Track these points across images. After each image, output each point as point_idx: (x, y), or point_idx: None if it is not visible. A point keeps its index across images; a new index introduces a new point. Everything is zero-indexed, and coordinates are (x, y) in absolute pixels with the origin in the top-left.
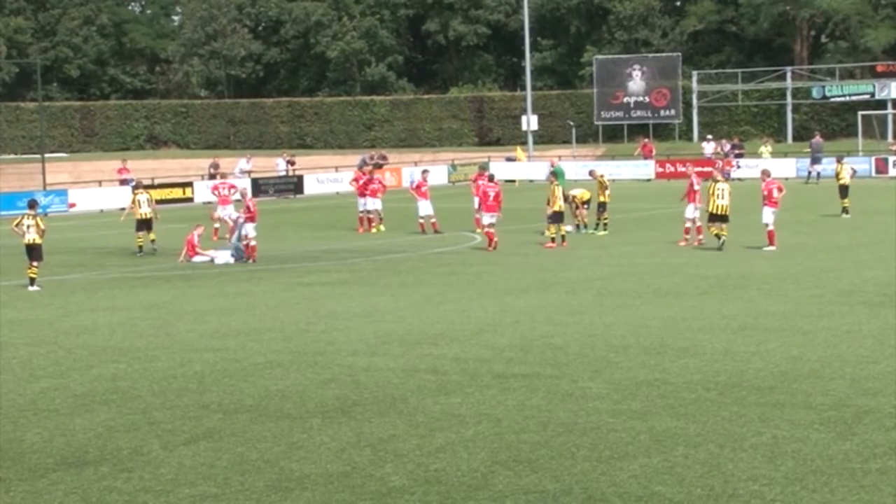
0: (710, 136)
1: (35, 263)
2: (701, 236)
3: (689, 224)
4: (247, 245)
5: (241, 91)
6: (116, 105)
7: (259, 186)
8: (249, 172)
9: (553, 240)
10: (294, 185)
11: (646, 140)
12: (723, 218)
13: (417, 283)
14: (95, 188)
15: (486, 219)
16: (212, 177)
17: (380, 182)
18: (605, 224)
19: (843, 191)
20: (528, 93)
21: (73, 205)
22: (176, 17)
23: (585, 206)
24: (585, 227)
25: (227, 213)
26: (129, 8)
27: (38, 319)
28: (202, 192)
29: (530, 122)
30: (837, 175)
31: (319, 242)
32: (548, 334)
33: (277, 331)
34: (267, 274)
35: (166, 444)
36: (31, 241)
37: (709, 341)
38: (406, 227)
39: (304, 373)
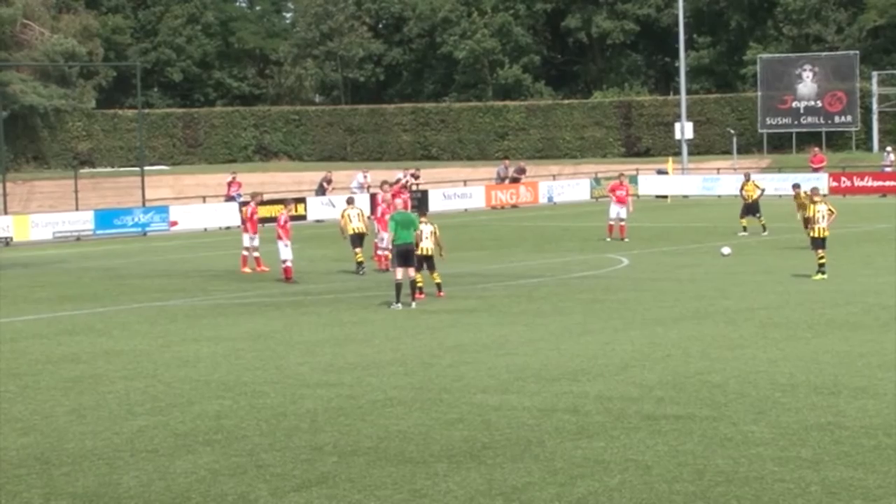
0: (889, 148)
1: None
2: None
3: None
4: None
5: (359, 96)
6: (222, 112)
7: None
8: (367, 187)
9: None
10: (418, 200)
11: (817, 150)
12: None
13: (555, 312)
14: (199, 204)
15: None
16: (322, 192)
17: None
18: (822, 265)
19: None
20: (683, 97)
21: (174, 223)
22: (288, 15)
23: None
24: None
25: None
26: (237, 4)
27: (135, 350)
28: (316, 208)
29: (684, 130)
30: None
31: (445, 266)
32: (704, 370)
33: (398, 364)
34: (386, 300)
35: (275, 489)
36: None
37: (890, 380)
38: (543, 248)
39: (427, 412)
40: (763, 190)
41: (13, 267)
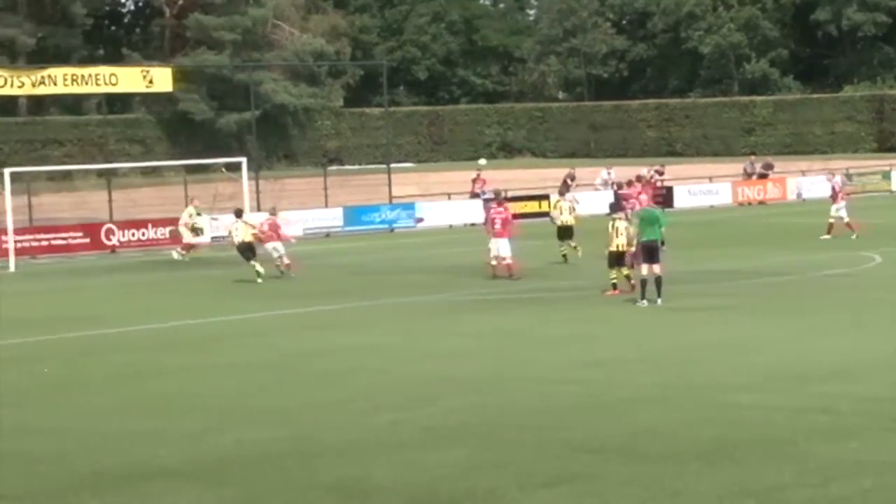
0: None
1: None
2: None
3: None
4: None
5: (602, 92)
6: (467, 110)
7: (618, 199)
8: (611, 184)
9: None
10: (662, 197)
11: None
12: None
13: (803, 310)
14: (444, 201)
15: None
16: (566, 189)
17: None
18: None
19: None
20: None
21: (420, 220)
22: (531, 12)
23: None
24: None
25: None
26: (481, 2)
27: (383, 345)
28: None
29: None
30: None
31: (691, 263)
32: None
33: (646, 362)
34: (631, 297)
35: (524, 485)
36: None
37: None
38: (791, 245)
39: (676, 410)
40: None
41: (266, 263)
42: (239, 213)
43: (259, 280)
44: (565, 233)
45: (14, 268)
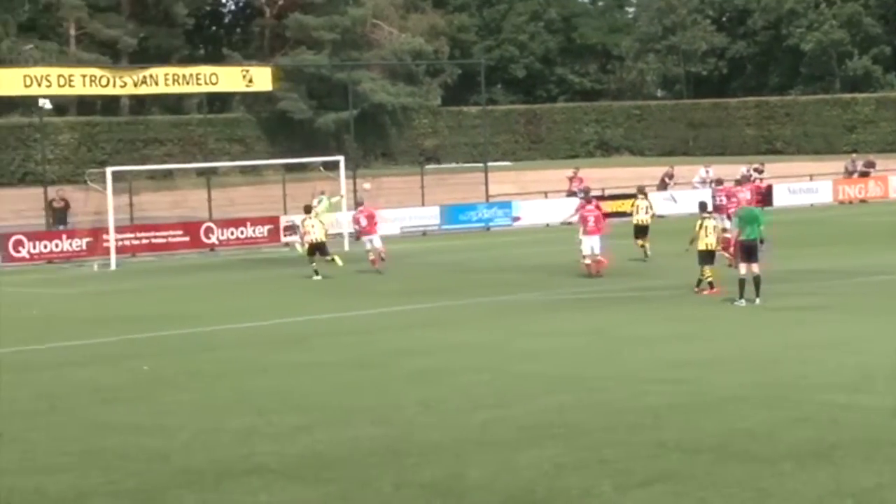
0: None
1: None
2: None
3: None
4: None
5: (701, 90)
6: (564, 108)
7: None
8: (710, 182)
9: None
10: (761, 195)
11: None
12: None
13: None
14: (541, 200)
15: None
16: (663, 187)
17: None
18: None
19: None
20: None
21: (517, 218)
22: (630, 10)
23: None
24: None
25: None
26: (580, 0)
27: (480, 344)
28: (656, 203)
29: None
30: None
31: (790, 262)
32: None
33: (742, 361)
34: (729, 296)
35: (619, 485)
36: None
37: None
38: (893, 244)
39: (773, 410)
40: None
41: (364, 261)
42: (308, 210)
43: (317, 277)
44: (640, 231)
45: (115, 266)
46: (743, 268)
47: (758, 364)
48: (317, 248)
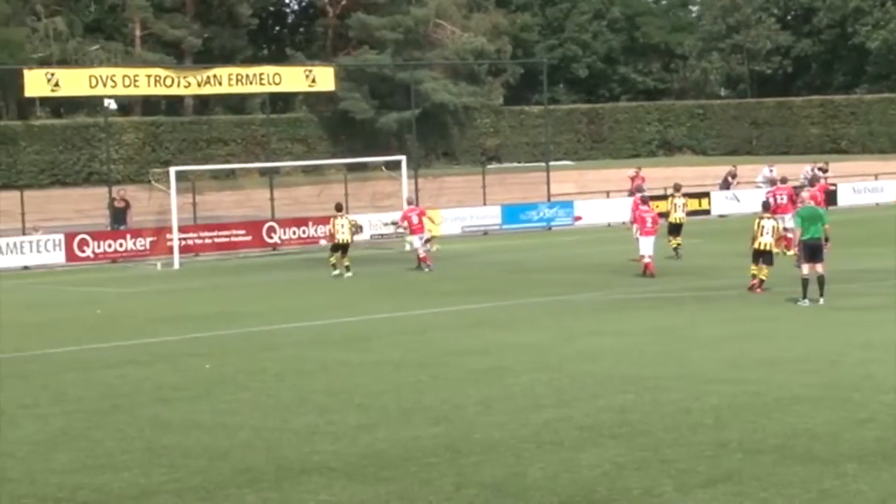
0: None
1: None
2: None
3: None
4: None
5: (765, 89)
6: (626, 107)
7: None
8: (775, 181)
9: None
10: (826, 194)
11: None
12: None
13: None
14: (602, 199)
15: None
16: (726, 187)
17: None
18: None
19: None
20: None
21: (578, 218)
22: (694, 9)
23: None
24: None
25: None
26: None
27: (540, 343)
28: (720, 203)
29: None
30: None
31: (854, 261)
32: None
33: (804, 361)
34: (792, 296)
35: (680, 485)
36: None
37: None
38: None
39: (836, 410)
40: None
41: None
42: (339, 208)
43: (335, 273)
44: (674, 230)
45: (178, 265)
46: (806, 268)
47: (821, 364)
48: (341, 248)
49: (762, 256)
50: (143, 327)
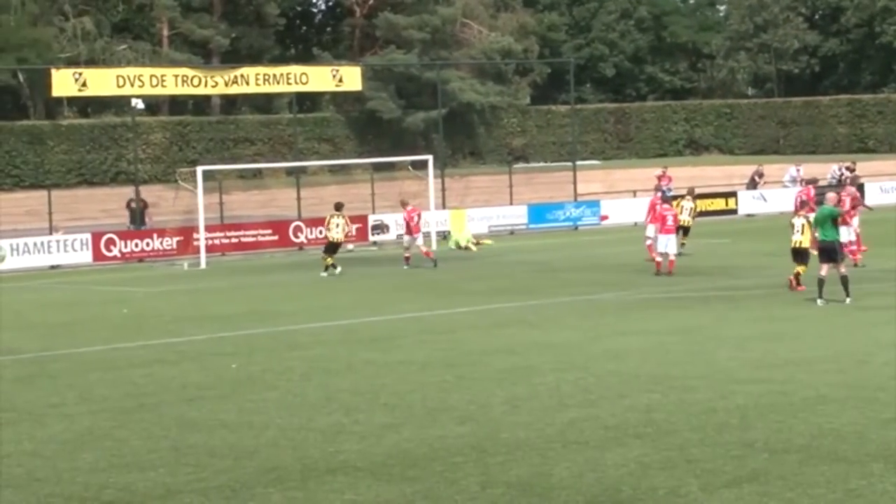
0: None
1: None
2: None
3: None
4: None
5: (792, 88)
6: (653, 107)
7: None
8: (802, 181)
9: None
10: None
11: None
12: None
13: None
14: (629, 199)
15: None
16: (753, 186)
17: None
18: None
19: None
20: None
21: (604, 217)
22: (721, 8)
23: None
24: None
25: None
26: None
27: (566, 343)
28: (747, 202)
29: None
30: None
31: (881, 260)
32: None
33: (831, 361)
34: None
35: (706, 485)
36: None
37: None
38: None
39: (862, 410)
40: None
41: (451, 259)
42: (339, 207)
43: (324, 274)
44: (682, 231)
45: (205, 264)
46: (824, 268)
47: (847, 364)
48: (332, 247)
49: (798, 255)
50: (169, 327)
